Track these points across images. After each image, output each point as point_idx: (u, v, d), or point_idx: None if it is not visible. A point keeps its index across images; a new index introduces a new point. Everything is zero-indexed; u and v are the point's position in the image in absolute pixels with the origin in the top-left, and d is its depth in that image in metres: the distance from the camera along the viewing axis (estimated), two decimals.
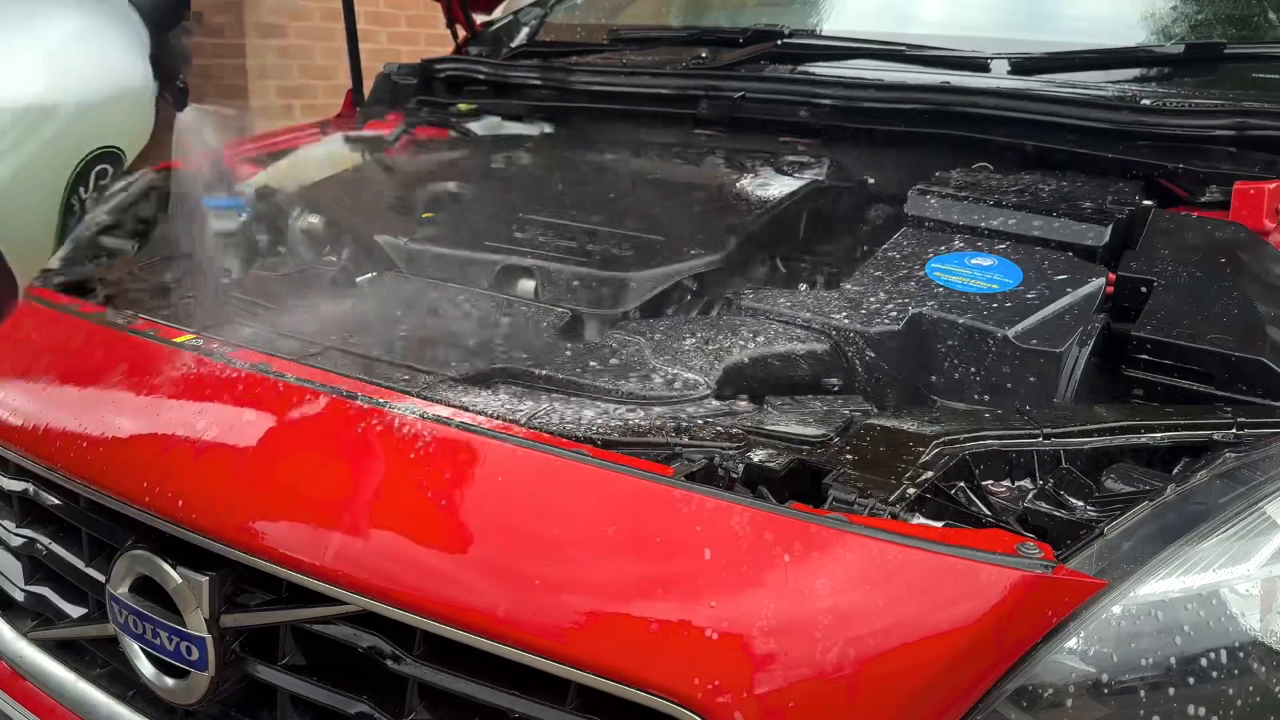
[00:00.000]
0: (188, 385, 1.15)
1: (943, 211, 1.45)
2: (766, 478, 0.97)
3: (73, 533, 1.26)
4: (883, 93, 1.72)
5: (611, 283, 1.35)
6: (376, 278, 1.47)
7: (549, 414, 1.05)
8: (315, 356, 1.18)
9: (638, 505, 0.91)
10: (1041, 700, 0.82)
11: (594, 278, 1.36)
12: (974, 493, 0.99)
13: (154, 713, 1.19)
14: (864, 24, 2.07)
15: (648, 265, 1.37)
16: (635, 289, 1.36)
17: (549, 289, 1.39)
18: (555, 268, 1.39)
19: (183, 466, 1.07)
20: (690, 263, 1.40)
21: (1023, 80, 1.70)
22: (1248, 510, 0.90)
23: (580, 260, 1.39)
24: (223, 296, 1.44)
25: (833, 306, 1.26)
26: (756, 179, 1.66)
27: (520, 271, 1.43)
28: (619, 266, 1.37)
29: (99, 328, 1.28)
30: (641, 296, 1.36)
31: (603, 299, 1.35)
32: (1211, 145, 1.48)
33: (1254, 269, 1.27)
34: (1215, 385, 1.12)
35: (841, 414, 1.12)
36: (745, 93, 1.85)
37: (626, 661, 0.85)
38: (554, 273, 1.39)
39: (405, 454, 0.99)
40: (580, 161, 1.80)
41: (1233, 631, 0.85)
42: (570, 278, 1.38)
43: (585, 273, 1.37)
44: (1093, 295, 1.25)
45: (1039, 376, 1.17)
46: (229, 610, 1.05)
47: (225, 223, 1.85)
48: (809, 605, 0.82)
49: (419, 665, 0.97)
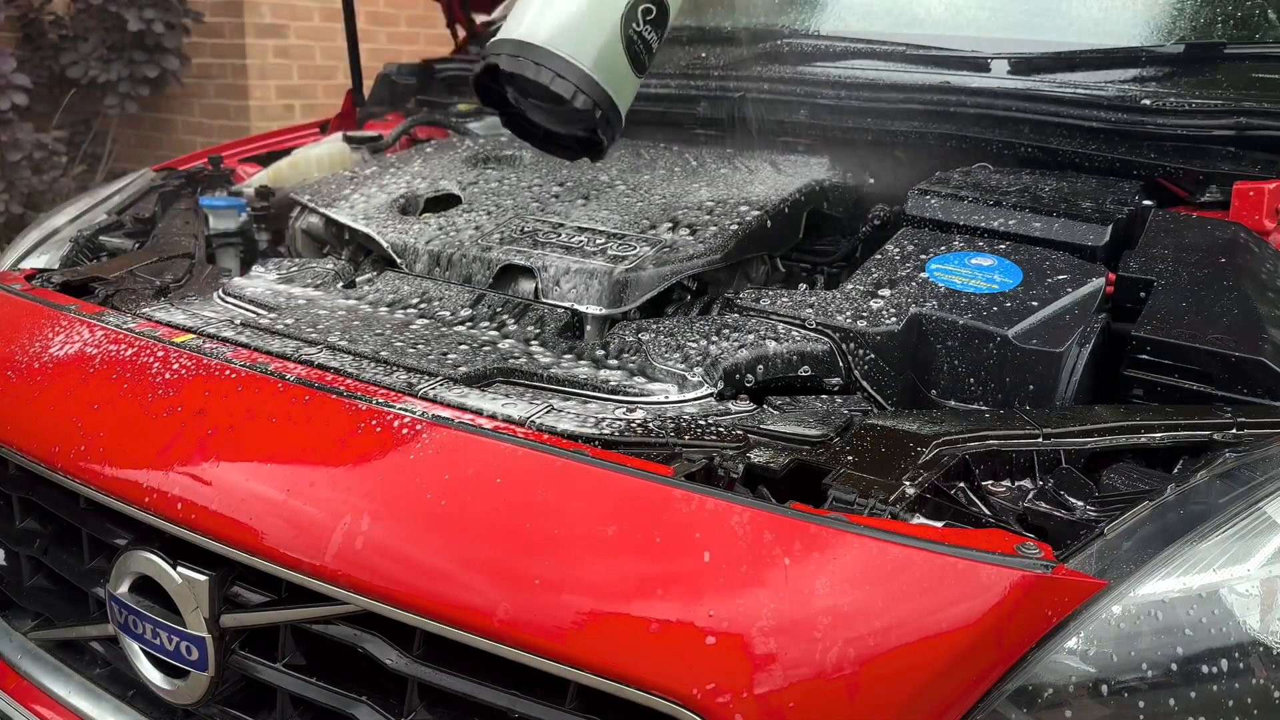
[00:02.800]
0: (187, 385, 1.15)
1: (943, 211, 1.45)
2: (766, 478, 0.97)
3: (73, 533, 1.26)
4: (883, 93, 1.73)
5: (612, 282, 1.35)
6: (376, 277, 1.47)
7: (549, 414, 1.05)
8: (315, 356, 1.18)
9: (638, 505, 0.91)
10: (1041, 700, 0.82)
11: (594, 277, 1.36)
12: (974, 493, 0.99)
13: (154, 713, 1.19)
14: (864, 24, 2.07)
15: (648, 264, 1.37)
16: (636, 288, 1.36)
17: (549, 288, 1.39)
18: (555, 266, 1.39)
19: (182, 467, 1.06)
20: (690, 262, 1.40)
21: (1022, 80, 1.70)
22: (1248, 510, 0.90)
23: (580, 259, 1.39)
24: (223, 296, 1.44)
25: (833, 306, 1.26)
26: (757, 179, 1.66)
27: (520, 271, 1.43)
28: (620, 265, 1.37)
29: (99, 327, 1.28)
30: (642, 296, 1.36)
31: (603, 298, 1.35)
32: (1211, 145, 1.48)
33: (1254, 269, 1.27)
34: (1215, 385, 1.12)
35: (841, 414, 1.12)
36: (746, 93, 1.85)
37: (626, 662, 0.84)
38: (554, 271, 1.39)
39: (405, 454, 0.99)
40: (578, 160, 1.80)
41: (1233, 631, 0.85)
42: (570, 277, 1.38)
43: (586, 272, 1.37)
44: (1093, 295, 1.25)
45: (1039, 376, 1.17)
46: (229, 610, 1.05)
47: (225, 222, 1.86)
48: (809, 605, 0.82)
49: (419, 665, 0.97)
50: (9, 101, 4.48)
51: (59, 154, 4.94)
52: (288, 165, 2.09)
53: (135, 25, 4.94)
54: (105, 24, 5.06)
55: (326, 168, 2.10)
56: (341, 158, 2.14)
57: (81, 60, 5.08)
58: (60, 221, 1.89)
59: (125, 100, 5.21)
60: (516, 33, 1.35)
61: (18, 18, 5.09)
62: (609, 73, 1.34)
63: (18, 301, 1.41)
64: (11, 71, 4.48)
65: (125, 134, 5.66)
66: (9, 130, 4.57)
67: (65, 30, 5.19)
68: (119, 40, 5.09)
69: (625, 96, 1.40)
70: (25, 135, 4.62)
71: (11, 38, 5.12)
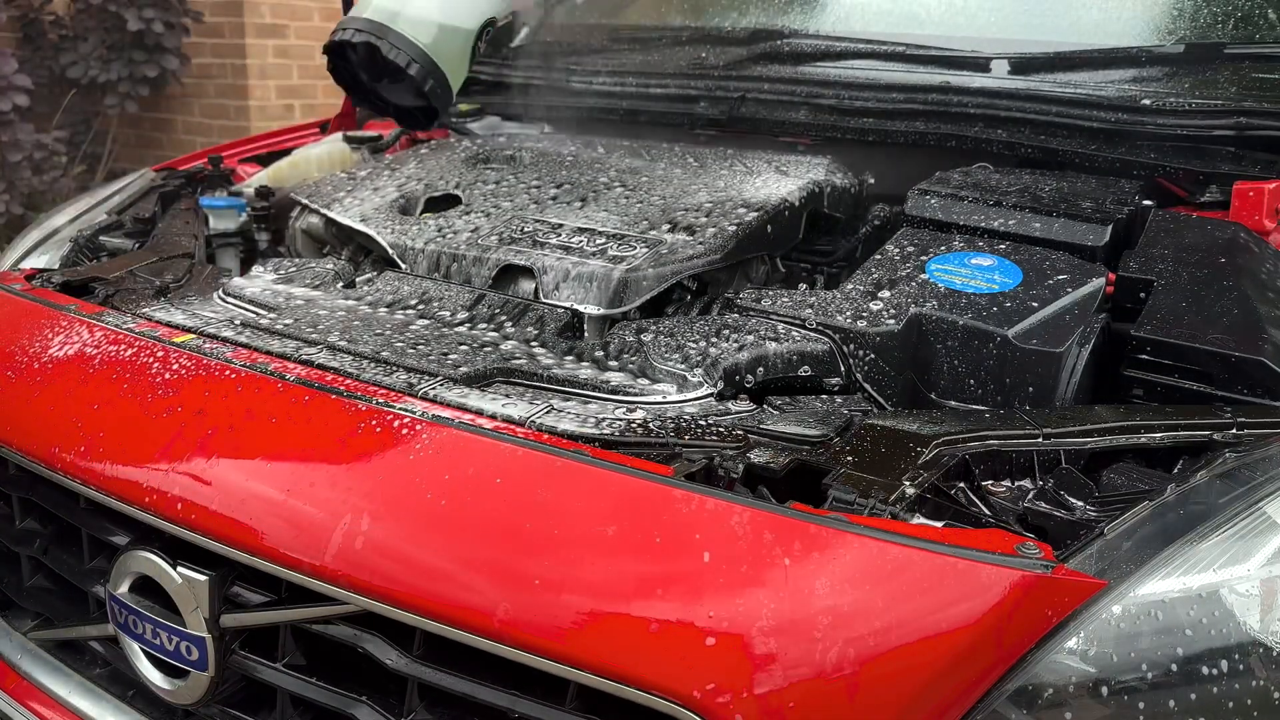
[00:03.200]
0: (187, 385, 1.15)
1: (943, 211, 1.45)
2: (766, 478, 0.97)
3: (73, 533, 1.26)
4: (883, 93, 1.72)
5: (612, 282, 1.35)
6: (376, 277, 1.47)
7: (549, 414, 1.05)
8: (315, 356, 1.18)
9: (638, 505, 0.91)
10: (1041, 700, 0.82)
11: (594, 277, 1.36)
12: (974, 493, 0.99)
13: (154, 713, 1.19)
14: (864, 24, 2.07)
15: (648, 265, 1.37)
16: (635, 288, 1.36)
17: (549, 288, 1.39)
18: (555, 267, 1.39)
19: (182, 467, 1.06)
20: (690, 263, 1.40)
21: (1023, 80, 1.70)
22: (1248, 510, 0.90)
23: (580, 260, 1.39)
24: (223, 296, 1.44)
25: (833, 307, 1.26)
26: (757, 179, 1.66)
27: (520, 271, 1.43)
28: (620, 265, 1.37)
29: (98, 327, 1.28)
30: (642, 296, 1.36)
31: (603, 298, 1.35)
32: (1211, 145, 1.48)
33: (1254, 269, 1.27)
34: (1215, 385, 1.12)
35: (841, 414, 1.12)
36: (746, 93, 1.85)
37: (626, 662, 0.84)
38: (554, 272, 1.39)
39: (405, 454, 0.99)
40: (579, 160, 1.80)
41: (1233, 631, 0.85)
42: (570, 277, 1.38)
43: (585, 272, 1.37)
44: (1093, 295, 1.25)
45: (1039, 376, 1.17)
46: (229, 610, 1.05)
47: (225, 222, 1.86)
48: (808, 605, 0.82)
49: (419, 665, 0.97)
50: (10, 103, 4.48)
51: (59, 154, 4.94)
52: (288, 165, 2.09)
53: (135, 25, 4.94)
54: (105, 24, 5.06)
55: (326, 168, 2.10)
56: (341, 158, 2.14)
57: (81, 60, 5.08)
58: (60, 221, 1.89)
59: (125, 100, 5.21)
60: (366, 11, 1.65)
61: (18, 18, 5.09)
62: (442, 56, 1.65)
63: (18, 301, 1.41)
64: (13, 73, 4.48)
65: (125, 134, 5.66)
66: (10, 131, 4.58)
67: (65, 30, 5.20)
68: (119, 40, 5.09)
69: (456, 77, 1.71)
70: (26, 135, 4.62)
71: (11, 38, 5.13)
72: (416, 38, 1.62)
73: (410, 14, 1.64)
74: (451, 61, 1.69)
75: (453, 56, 1.69)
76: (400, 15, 1.64)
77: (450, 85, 1.70)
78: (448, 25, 1.68)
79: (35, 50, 5.13)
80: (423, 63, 1.65)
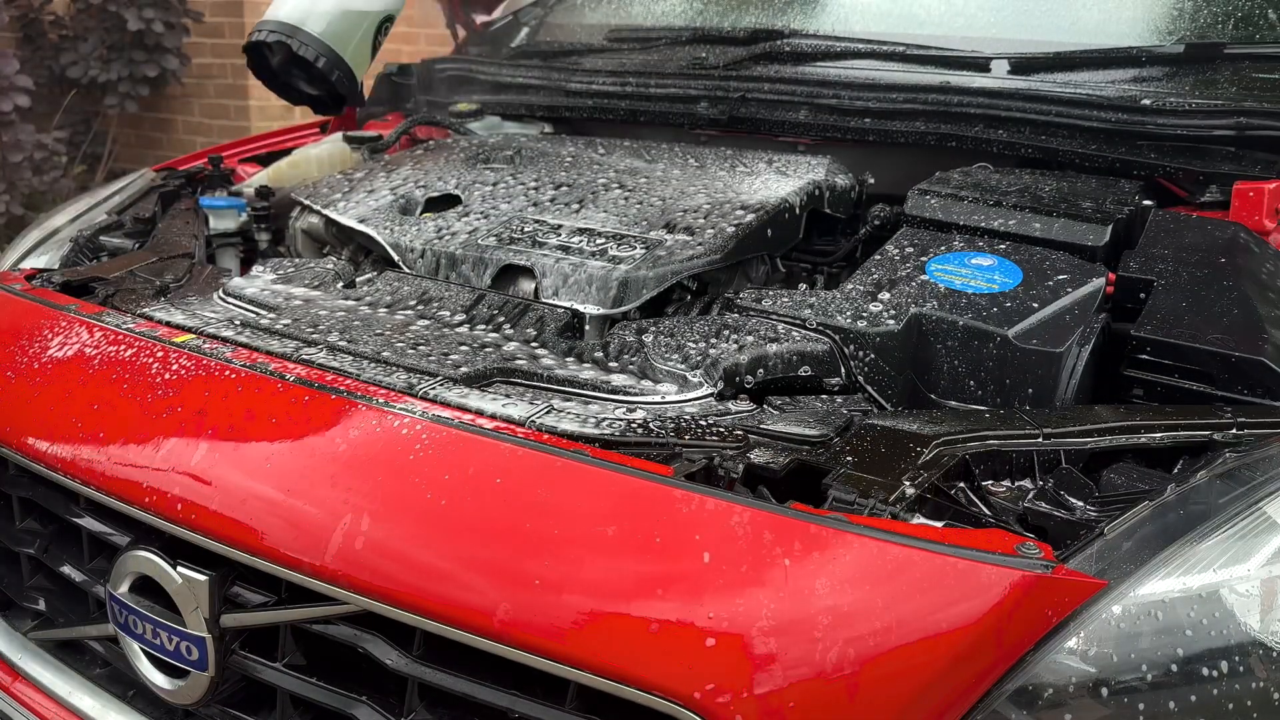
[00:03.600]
0: (187, 385, 1.15)
1: (943, 211, 1.45)
2: (766, 478, 0.97)
3: (73, 533, 1.26)
4: (883, 93, 1.72)
5: (612, 282, 1.35)
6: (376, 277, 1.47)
7: (549, 414, 1.05)
8: (315, 356, 1.18)
9: (638, 505, 0.91)
10: (1041, 700, 0.82)
11: (594, 277, 1.36)
12: (974, 493, 0.99)
13: (154, 713, 1.19)
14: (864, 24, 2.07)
15: (648, 265, 1.37)
16: (635, 288, 1.36)
17: (549, 288, 1.39)
18: (555, 267, 1.39)
19: (182, 467, 1.06)
20: (690, 263, 1.40)
21: (1023, 80, 1.70)
22: (1248, 510, 0.90)
23: (581, 260, 1.39)
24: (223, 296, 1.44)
25: (833, 307, 1.26)
26: (757, 179, 1.66)
27: (520, 271, 1.43)
28: (620, 265, 1.37)
29: (98, 327, 1.28)
30: (642, 296, 1.36)
31: (603, 298, 1.35)
32: (1211, 145, 1.48)
33: (1254, 269, 1.27)
34: (1215, 385, 1.12)
35: (841, 414, 1.12)
36: (746, 93, 1.85)
37: (626, 662, 0.84)
38: (554, 272, 1.39)
39: (405, 454, 0.99)
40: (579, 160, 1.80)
41: (1233, 631, 0.85)
42: (570, 277, 1.38)
43: (586, 272, 1.37)
44: (1093, 295, 1.25)
45: (1039, 376, 1.17)
46: (229, 610, 1.05)
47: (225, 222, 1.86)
48: (808, 605, 0.82)
49: (419, 665, 0.97)
50: (11, 103, 4.48)
51: (59, 154, 4.94)
52: (288, 165, 2.09)
53: (135, 25, 4.94)
54: (105, 24, 5.06)
55: (326, 168, 2.10)
56: (341, 158, 2.14)
57: (81, 60, 5.08)
58: (60, 221, 1.89)
59: (125, 100, 5.21)
60: (279, 14, 2.01)
61: (18, 18, 5.09)
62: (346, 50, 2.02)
63: (18, 301, 1.41)
64: (14, 73, 4.48)
65: (125, 134, 5.66)
66: (10, 131, 4.58)
67: (65, 30, 5.20)
68: (119, 40, 5.09)
69: (359, 67, 2.07)
70: (26, 136, 4.62)
71: (11, 38, 5.13)
72: (322, 35, 1.99)
73: (316, 15, 2.01)
74: (354, 54, 2.05)
75: (355, 50, 2.05)
76: (308, 17, 2.01)
77: (355, 75, 2.07)
78: (348, 23, 2.03)
79: (35, 50, 5.13)
80: (329, 56, 2.00)
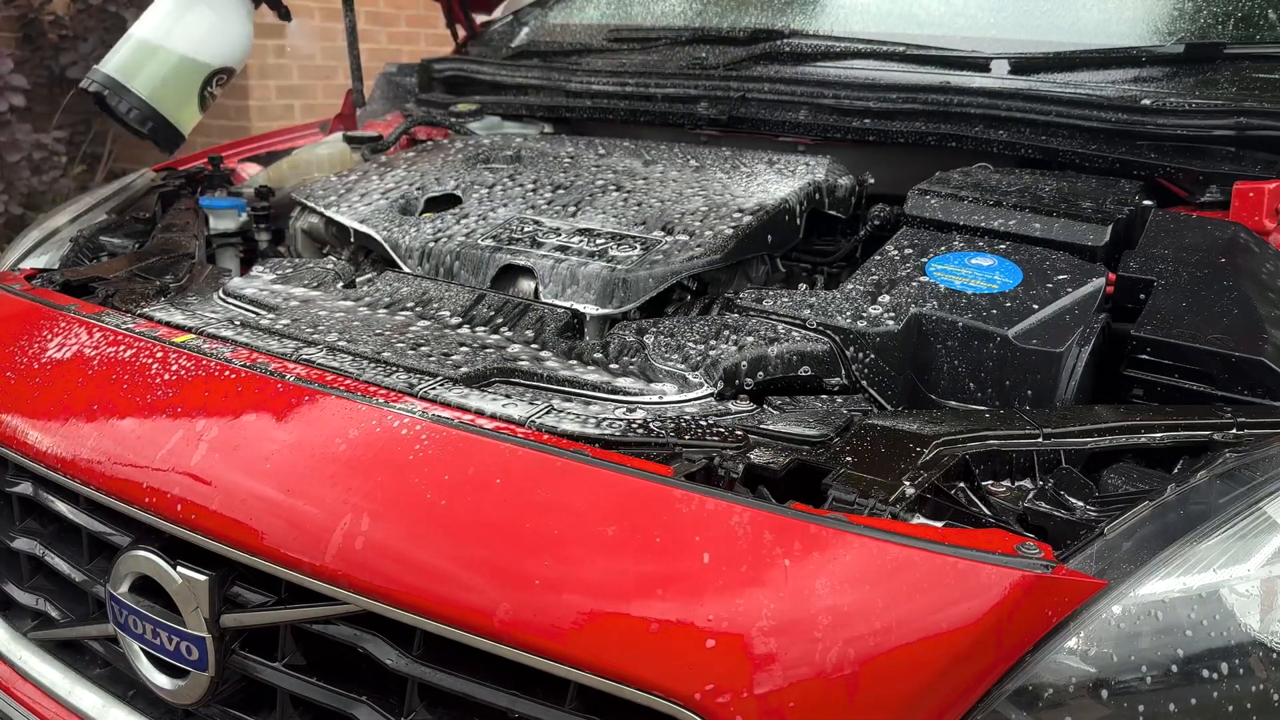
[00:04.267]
0: (187, 385, 1.15)
1: (943, 211, 1.45)
2: (766, 478, 0.97)
3: (73, 532, 1.26)
4: (883, 93, 1.72)
5: (612, 282, 1.35)
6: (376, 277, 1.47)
7: (549, 414, 1.05)
8: (315, 356, 1.18)
9: (637, 505, 0.91)
10: (1041, 700, 0.82)
11: (594, 277, 1.36)
12: (974, 493, 0.99)
13: (154, 713, 1.19)
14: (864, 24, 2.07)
15: (648, 265, 1.37)
16: (635, 288, 1.36)
17: (549, 288, 1.39)
18: (555, 267, 1.39)
19: (182, 467, 1.06)
20: (690, 263, 1.40)
21: (1023, 80, 1.70)
22: (1248, 510, 0.90)
23: (580, 260, 1.39)
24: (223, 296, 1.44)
25: (833, 307, 1.26)
26: (757, 179, 1.66)
27: (520, 271, 1.43)
28: (620, 266, 1.37)
29: (98, 327, 1.28)
30: (642, 296, 1.36)
31: (603, 298, 1.35)
32: (1211, 145, 1.48)
33: (1254, 269, 1.27)
34: (1215, 385, 1.12)
35: (841, 414, 1.12)
36: (746, 93, 1.85)
37: (626, 662, 0.84)
38: (554, 272, 1.39)
39: (405, 454, 0.99)
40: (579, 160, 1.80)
41: (1233, 632, 0.85)
42: (570, 277, 1.38)
43: (586, 272, 1.37)
44: (1093, 295, 1.25)
45: (1039, 376, 1.17)
46: (229, 610, 1.05)
47: (225, 222, 1.86)
48: (808, 605, 0.82)
49: (419, 665, 0.97)
50: (7, 103, 4.48)
51: (59, 154, 4.93)
52: (288, 165, 2.09)
53: None
54: (105, 24, 5.06)
55: (326, 168, 2.10)
56: (341, 158, 2.14)
57: (81, 60, 5.07)
58: (60, 221, 1.89)
59: None
60: (107, 68, 2.16)
61: (17, 18, 5.09)
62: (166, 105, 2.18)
63: (18, 301, 1.41)
64: (9, 73, 4.48)
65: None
66: (8, 131, 4.57)
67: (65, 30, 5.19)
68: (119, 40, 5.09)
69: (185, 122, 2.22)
70: (25, 136, 4.62)
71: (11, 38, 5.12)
72: (141, 88, 2.13)
73: (141, 70, 2.14)
74: (176, 107, 2.18)
75: (177, 103, 2.18)
76: (132, 72, 2.14)
77: (175, 126, 2.19)
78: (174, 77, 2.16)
79: (35, 50, 5.13)
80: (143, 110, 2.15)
